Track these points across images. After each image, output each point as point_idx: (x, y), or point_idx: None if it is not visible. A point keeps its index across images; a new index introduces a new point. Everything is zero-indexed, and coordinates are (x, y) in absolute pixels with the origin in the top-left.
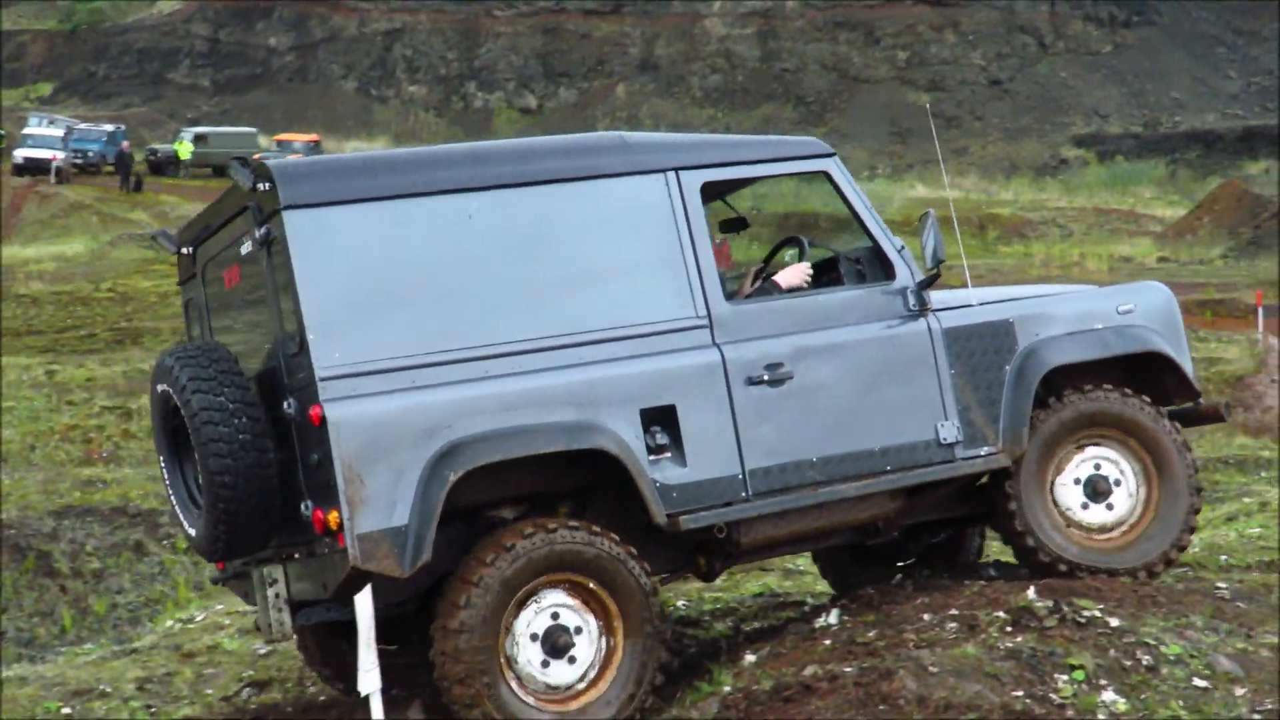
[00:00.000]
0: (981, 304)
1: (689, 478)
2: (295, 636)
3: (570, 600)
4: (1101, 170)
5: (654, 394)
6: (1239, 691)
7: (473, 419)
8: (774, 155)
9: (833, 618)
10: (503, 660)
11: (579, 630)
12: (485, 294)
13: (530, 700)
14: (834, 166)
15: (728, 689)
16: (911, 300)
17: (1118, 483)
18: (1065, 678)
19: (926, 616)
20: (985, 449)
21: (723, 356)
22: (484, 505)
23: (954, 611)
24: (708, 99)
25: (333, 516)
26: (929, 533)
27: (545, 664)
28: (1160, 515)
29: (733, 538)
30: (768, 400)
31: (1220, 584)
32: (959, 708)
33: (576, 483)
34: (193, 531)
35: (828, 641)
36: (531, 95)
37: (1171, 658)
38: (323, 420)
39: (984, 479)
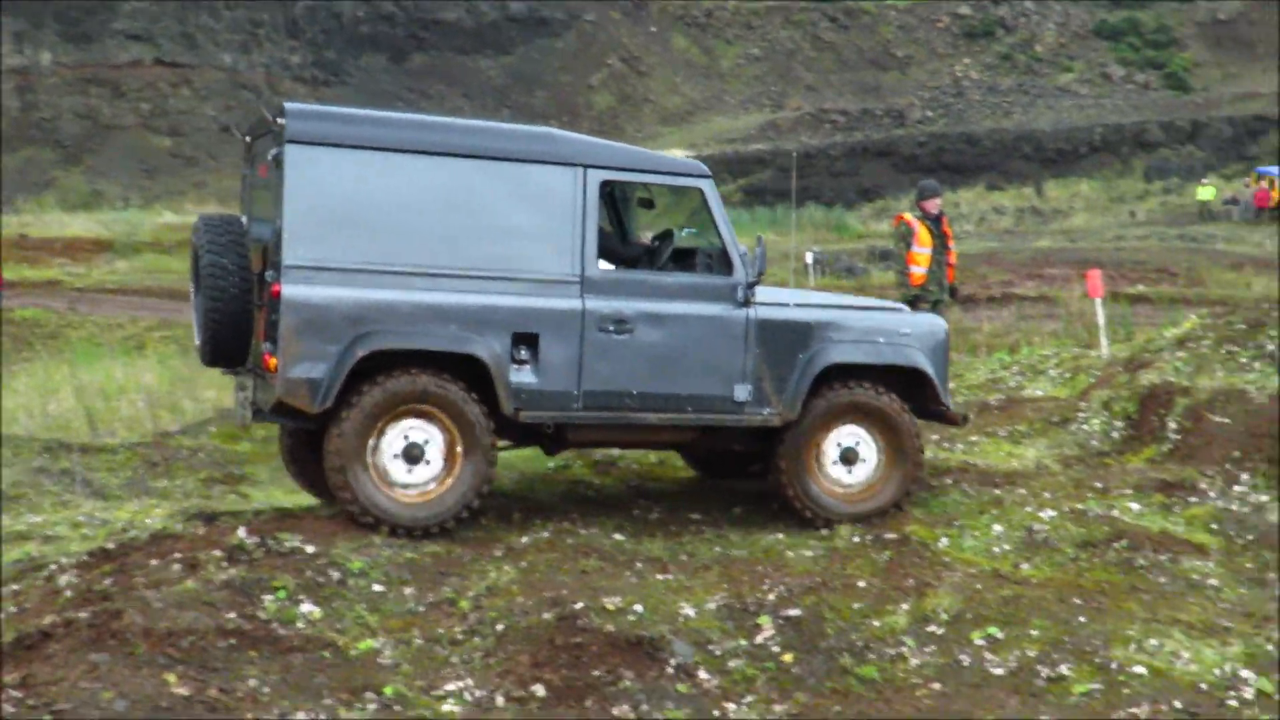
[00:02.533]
0: (795, 306)
1: (537, 387)
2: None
3: (426, 425)
4: None
5: (525, 323)
6: (407, 591)
7: (388, 316)
8: (664, 169)
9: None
10: (370, 462)
11: (429, 443)
12: (420, 228)
13: (389, 493)
14: (708, 185)
15: None
16: (740, 293)
17: (863, 455)
18: (270, 597)
19: (154, 562)
20: (767, 410)
21: (584, 306)
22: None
23: (178, 555)
24: None
25: (272, 362)
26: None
27: (409, 469)
28: (893, 477)
29: (564, 433)
30: (610, 344)
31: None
32: (180, 634)
33: (463, 378)
34: (197, 341)
35: (68, 593)
36: None
37: (355, 571)
38: (279, 295)
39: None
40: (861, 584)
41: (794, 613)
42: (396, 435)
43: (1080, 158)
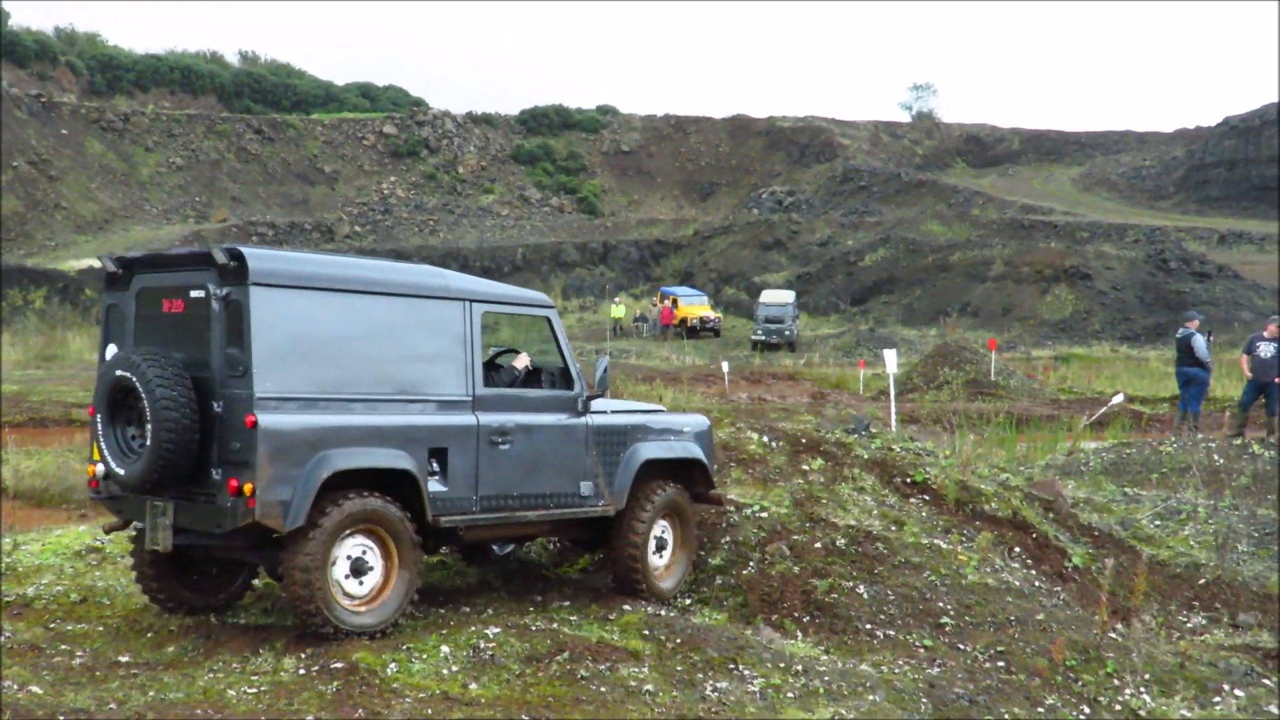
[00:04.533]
0: (614, 412)
1: (447, 494)
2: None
3: (366, 540)
4: None
5: (437, 439)
6: None
7: (339, 439)
8: (524, 301)
9: None
10: (329, 575)
11: (369, 555)
12: (358, 356)
13: (344, 602)
14: (553, 314)
15: None
16: (579, 405)
17: (669, 541)
18: None
19: None
20: (602, 502)
21: (478, 422)
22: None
23: None
24: None
25: (247, 486)
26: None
27: (358, 581)
28: (682, 558)
29: (459, 532)
30: (497, 454)
31: None
32: None
33: (396, 485)
34: (121, 470)
35: None
36: None
37: None
38: (255, 425)
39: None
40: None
41: None
42: (344, 551)
43: (504, 275)
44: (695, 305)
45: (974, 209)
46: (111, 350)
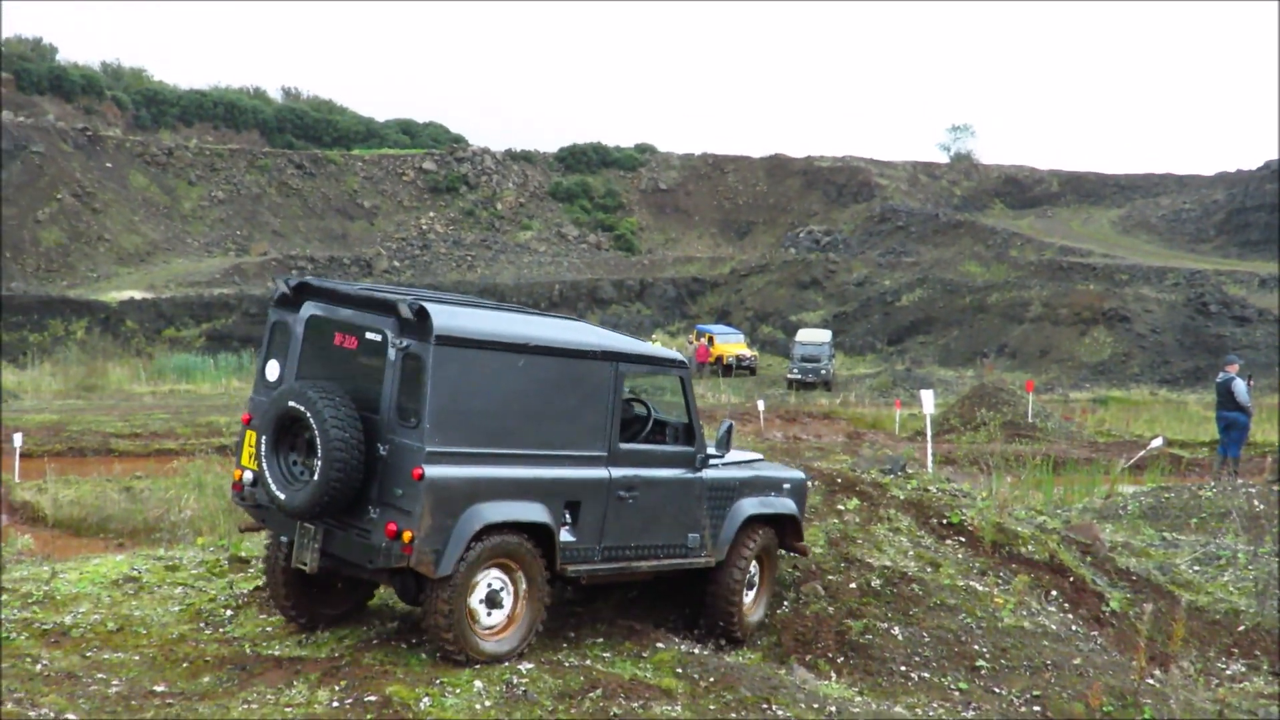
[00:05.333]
0: (725, 466)
1: (575, 544)
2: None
3: (503, 576)
4: None
5: (575, 493)
6: None
7: (490, 492)
8: (663, 359)
9: None
10: (467, 607)
11: (504, 590)
12: (513, 413)
13: (477, 630)
14: (685, 373)
15: None
16: (698, 462)
17: (756, 581)
18: None
19: None
20: (705, 553)
21: (610, 477)
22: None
23: None
24: None
25: (407, 534)
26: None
27: (489, 613)
28: (765, 598)
29: (581, 579)
30: (623, 507)
31: None
32: None
33: (533, 528)
34: (283, 495)
35: None
36: None
37: None
38: (422, 477)
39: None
40: None
41: None
42: (482, 582)
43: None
44: (731, 343)
45: (1012, 250)
46: (273, 367)
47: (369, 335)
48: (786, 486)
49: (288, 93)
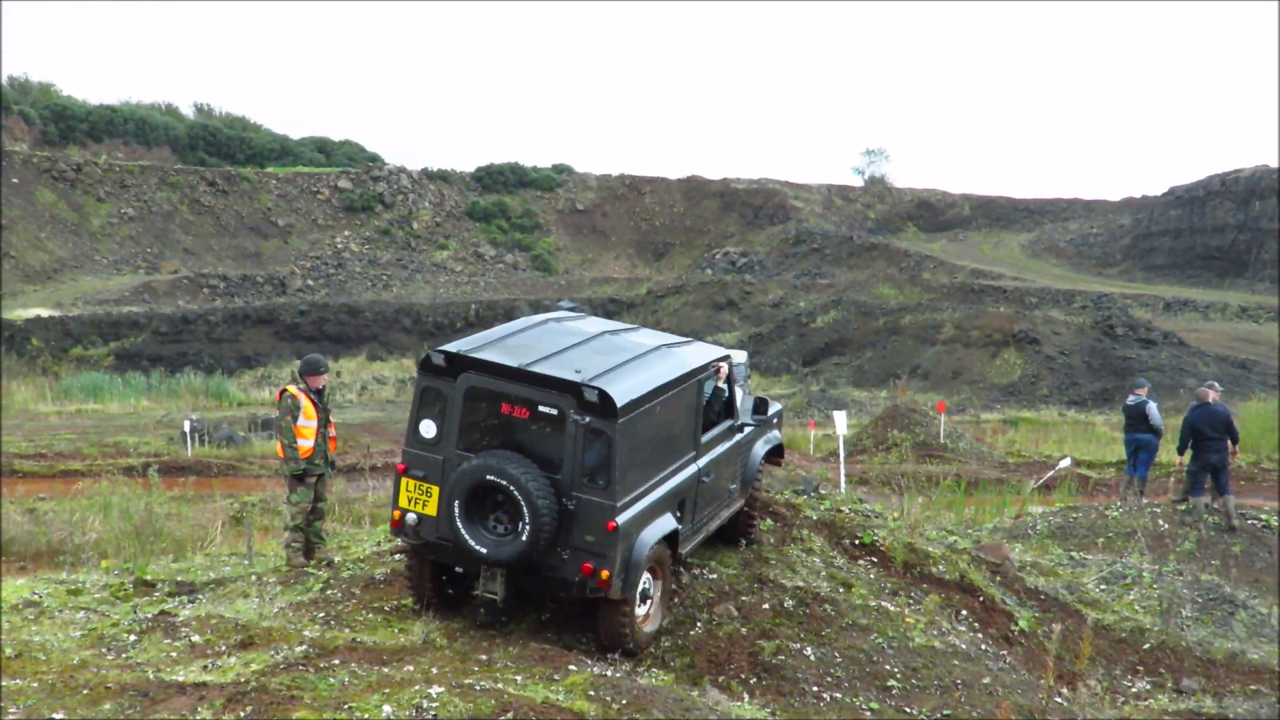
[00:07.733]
0: (746, 424)
1: (683, 530)
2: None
3: (649, 576)
4: None
5: (683, 493)
6: None
7: (648, 518)
8: (721, 357)
9: None
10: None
11: (650, 587)
12: (656, 446)
13: (637, 618)
14: (727, 362)
15: None
16: (738, 429)
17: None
18: None
19: None
20: (737, 496)
21: (698, 469)
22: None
23: None
24: None
25: (604, 573)
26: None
27: (640, 607)
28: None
29: (684, 554)
30: (703, 487)
31: None
32: None
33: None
34: (484, 550)
35: None
36: None
37: None
38: (615, 529)
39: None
40: None
41: None
42: (639, 587)
43: (457, 331)
44: None
45: (925, 273)
46: (429, 426)
47: (542, 408)
48: (774, 420)
49: (201, 109)
